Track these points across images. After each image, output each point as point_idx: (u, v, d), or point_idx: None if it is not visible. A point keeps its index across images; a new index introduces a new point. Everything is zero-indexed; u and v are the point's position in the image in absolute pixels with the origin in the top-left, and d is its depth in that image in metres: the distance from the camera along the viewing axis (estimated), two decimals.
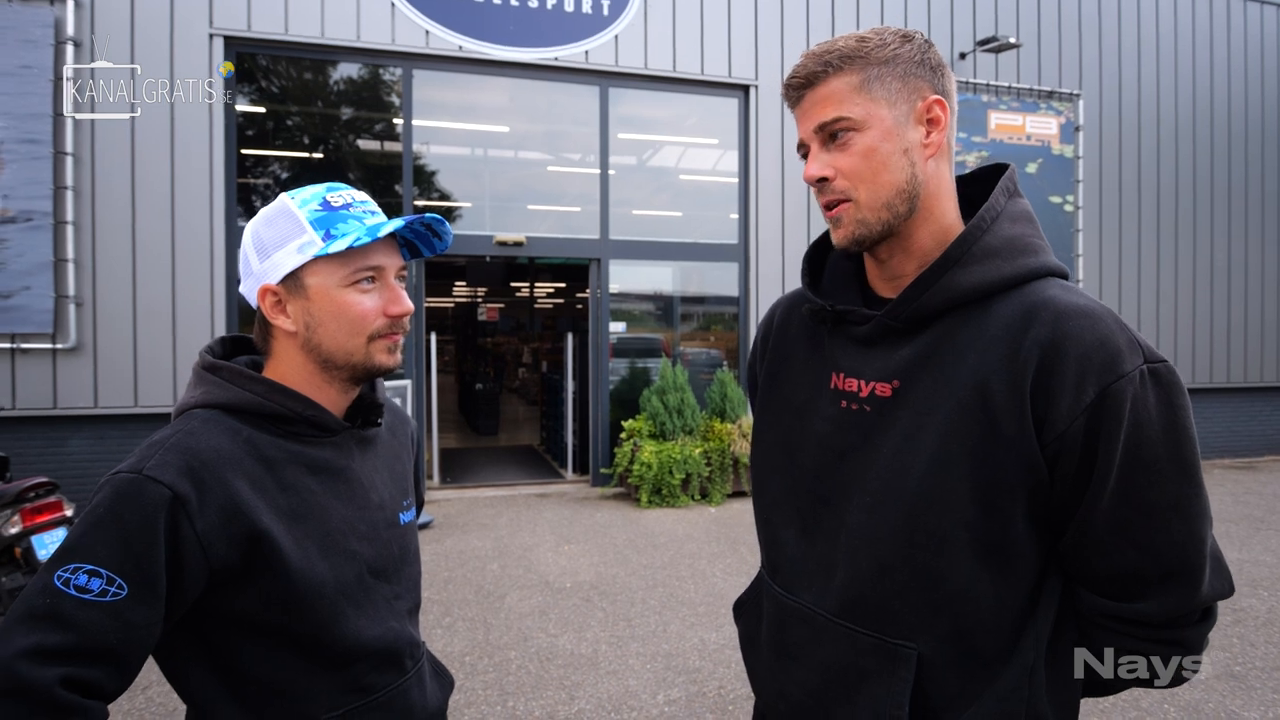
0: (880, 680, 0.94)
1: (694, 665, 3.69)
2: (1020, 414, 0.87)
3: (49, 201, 6.11)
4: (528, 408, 15.51)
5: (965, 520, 0.90)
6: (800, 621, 1.03)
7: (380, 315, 1.05)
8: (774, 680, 1.08)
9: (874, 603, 0.95)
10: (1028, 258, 0.95)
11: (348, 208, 1.05)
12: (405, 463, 1.24)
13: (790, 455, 1.07)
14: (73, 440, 6.36)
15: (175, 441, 0.95)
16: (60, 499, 4.27)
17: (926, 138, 0.95)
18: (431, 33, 7.07)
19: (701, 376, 8.19)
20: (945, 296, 0.93)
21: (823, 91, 0.95)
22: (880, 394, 0.97)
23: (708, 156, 8.53)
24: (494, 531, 6.12)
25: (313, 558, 1.00)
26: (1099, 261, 9.07)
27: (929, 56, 0.96)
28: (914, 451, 0.92)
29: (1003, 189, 0.99)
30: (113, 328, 6.36)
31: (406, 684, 1.11)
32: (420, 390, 7.43)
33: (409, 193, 7.30)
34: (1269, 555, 5.48)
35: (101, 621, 0.86)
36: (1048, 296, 0.91)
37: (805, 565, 1.04)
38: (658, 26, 7.69)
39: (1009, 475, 0.88)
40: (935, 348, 0.94)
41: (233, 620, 0.97)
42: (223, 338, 1.15)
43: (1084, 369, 0.85)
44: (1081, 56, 9.05)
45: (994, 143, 8.63)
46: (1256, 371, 9.83)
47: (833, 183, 0.96)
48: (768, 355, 1.18)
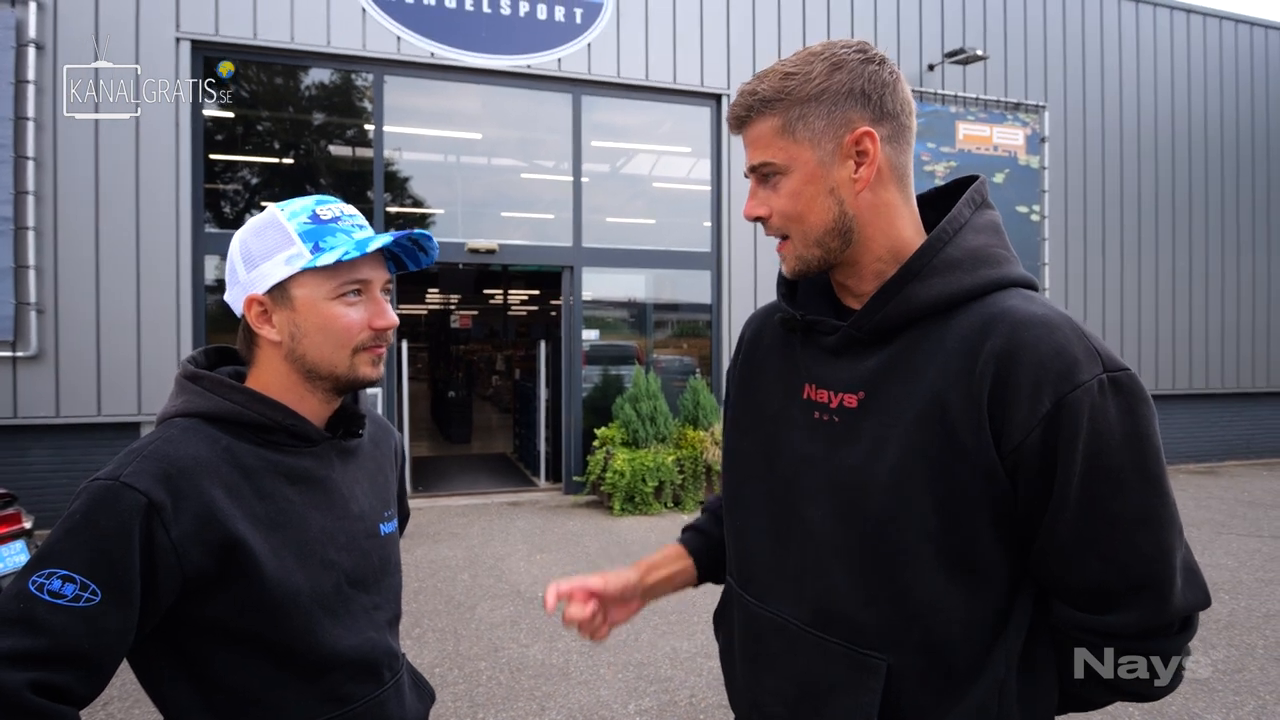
0: (850, 692, 0.94)
1: (665, 674, 3.69)
2: (978, 426, 0.87)
3: (10, 206, 5.98)
4: (501, 415, 15.42)
5: (928, 532, 0.89)
6: (773, 632, 1.03)
7: (366, 328, 1.06)
8: (748, 691, 1.07)
9: (844, 613, 0.95)
10: (990, 269, 0.94)
11: (336, 221, 1.06)
12: (388, 474, 1.25)
13: (765, 465, 1.07)
14: (33, 450, 6.21)
15: (153, 449, 0.96)
16: (19, 511, 4.15)
17: (856, 172, 0.94)
18: (403, 39, 7.04)
19: (674, 384, 8.20)
20: (905, 309, 0.93)
21: (751, 134, 0.97)
22: (847, 405, 0.97)
23: (681, 164, 8.57)
24: (465, 541, 6.07)
25: (289, 566, 1.00)
26: (1064, 270, 9.25)
27: (864, 81, 0.93)
28: (878, 463, 0.92)
29: (968, 200, 0.98)
30: (75, 336, 6.23)
31: (384, 695, 1.11)
32: (392, 398, 7.36)
33: (380, 199, 7.25)
34: (1229, 559, 5.60)
35: (74, 627, 0.86)
36: (1007, 307, 0.90)
37: (778, 575, 1.03)
38: (630, 35, 7.72)
39: (970, 487, 0.88)
40: (899, 359, 0.94)
41: (207, 628, 0.97)
42: (207, 348, 1.16)
43: (1039, 379, 0.84)
44: (1047, 69, 9.25)
45: (961, 153, 8.78)
46: (1218, 378, 10.07)
47: (769, 220, 0.99)
48: (740, 366, 1.18)
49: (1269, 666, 3.74)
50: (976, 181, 1.01)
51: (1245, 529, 6.54)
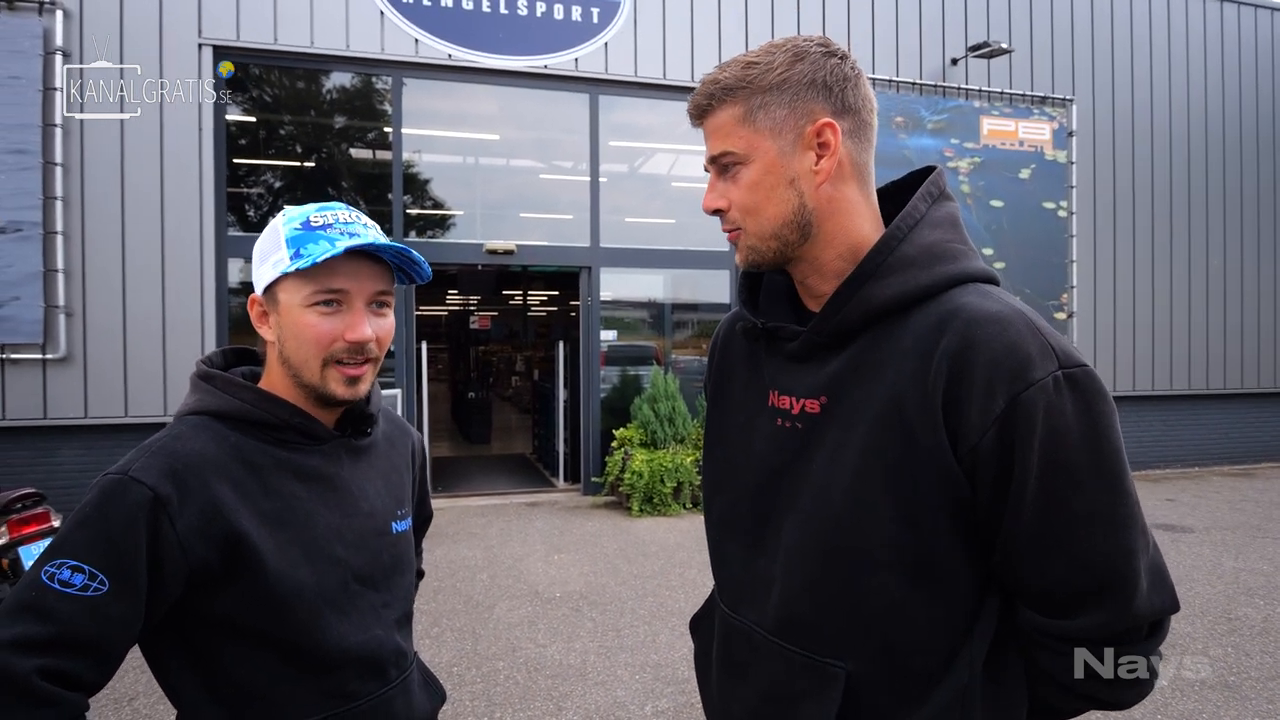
0: (812, 700, 0.93)
1: (683, 676, 3.66)
2: (934, 427, 0.85)
3: (38, 212, 6.09)
4: (520, 416, 15.44)
5: (887, 537, 0.88)
6: (742, 640, 1.03)
7: (339, 339, 1.05)
8: (720, 698, 1.08)
9: (805, 621, 0.95)
10: (945, 265, 0.92)
11: (326, 228, 1.05)
12: (403, 473, 1.26)
13: (733, 473, 1.07)
14: (62, 450, 6.33)
15: (161, 445, 0.99)
16: (47, 509, 4.23)
17: (816, 164, 0.93)
18: (421, 41, 7.07)
19: (693, 385, 8.16)
20: (862, 310, 0.92)
21: (712, 123, 0.96)
22: (810, 410, 0.96)
23: (699, 164, 8.49)
24: (484, 541, 6.08)
25: (295, 562, 1.01)
26: (1093, 267, 9.06)
27: (825, 73, 0.92)
28: (838, 468, 0.92)
29: (924, 195, 0.96)
30: (103, 338, 6.33)
31: (390, 693, 1.12)
32: (412, 399, 7.40)
33: (399, 201, 7.29)
34: (1265, 564, 5.45)
35: (82, 615, 0.89)
36: (961, 304, 0.88)
37: (747, 584, 1.04)
38: (647, 34, 7.69)
39: (928, 491, 0.86)
40: (858, 362, 0.93)
41: (214, 622, 0.99)
42: (224, 350, 1.18)
43: (993, 377, 0.83)
44: (1074, 62, 9.07)
45: (986, 148, 8.64)
46: (1254, 377, 9.81)
47: (727, 213, 0.98)
48: (712, 376, 1.18)
49: None
50: (934, 173, 0.99)
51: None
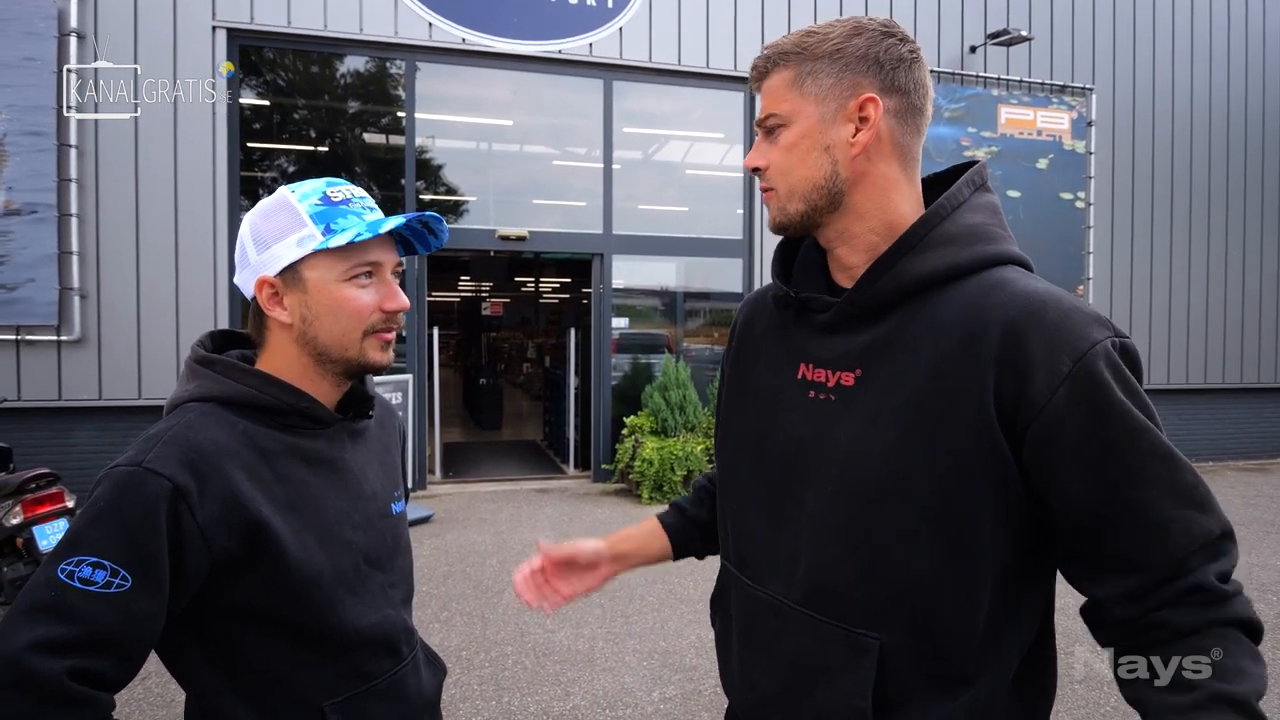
0: (844, 670, 0.94)
1: (691, 663, 3.66)
2: (980, 398, 0.86)
3: (53, 194, 6.12)
4: (531, 403, 15.48)
5: (923, 509, 0.89)
6: (768, 612, 1.03)
7: (376, 310, 1.06)
8: (744, 671, 1.08)
9: (836, 592, 0.95)
10: (985, 245, 0.94)
11: (347, 203, 1.06)
12: (395, 454, 1.26)
13: (759, 445, 1.07)
14: (77, 432, 6.38)
15: (174, 434, 0.96)
16: (61, 490, 4.28)
17: (854, 136, 0.95)
18: (435, 25, 7.04)
19: (704, 373, 8.13)
20: (899, 283, 0.93)
21: (766, 86, 1.00)
22: (844, 383, 0.97)
23: (713, 151, 8.47)
24: (494, 527, 6.10)
25: (310, 547, 1.01)
26: (1110, 258, 8.94)
27: (880, 50, 0.94)
28: (873, 439, 0.92)
29: (968, 181, 0.98)
30: (117, 320, 6.37)
31: (403, 671, 1.13)
32: (422, 385, 7.42)
33: (412, 187, 7.28)
34: (1279, 559, 5.40)
35: (107, 613, 0.87)
36: (1005, 278, 0.91)
37: (773, 556, 1.04)
38: (662, 19, 7.62)
39: (968, 461, 0.87)
40: (895, 334, 0.93)
41: (232, 610, 0.99)
42: (212, 332, 1.17)
43: (1053, 343, 0.84)
44: (1094, 50, 8.93)
45: (1004, 137, 8.53)
46: (1270, 372, 9.68)
47: (765, 172, 1.01)
48: (734, 350, 1.19)
49: None
50: (977, 164, 1.02)
51: None
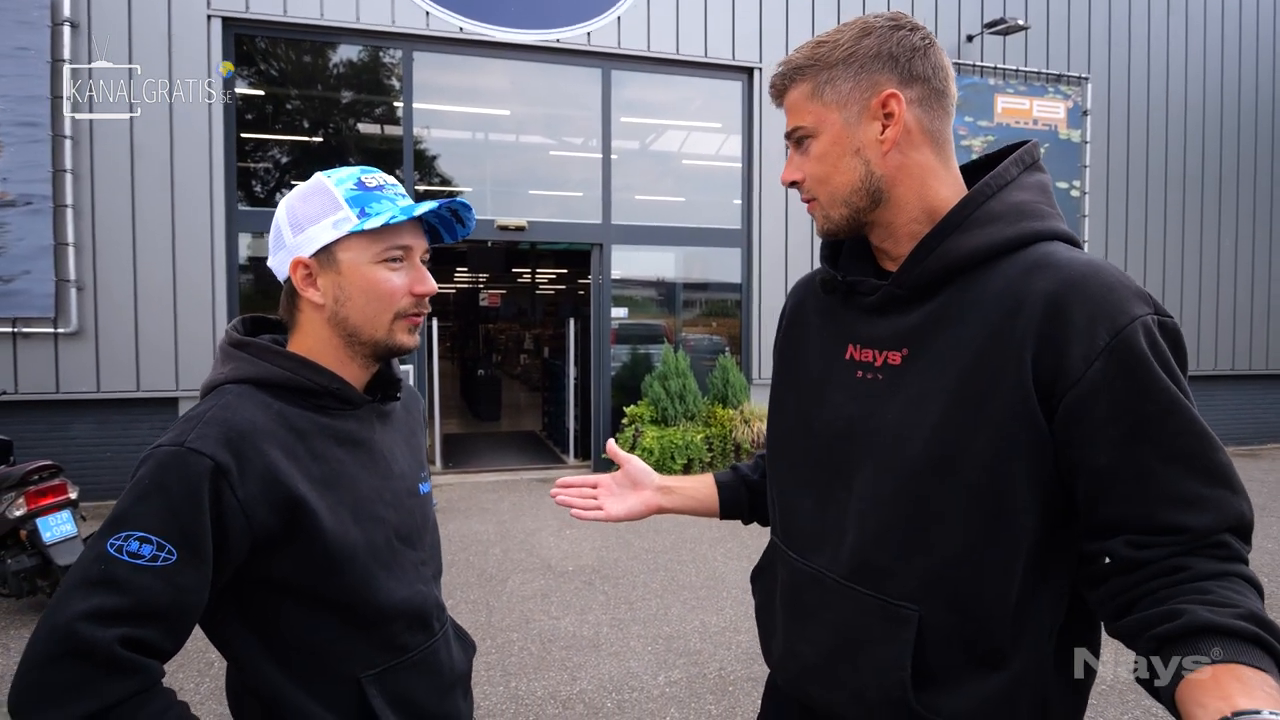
0: (883, 642, 0.96)
1: (695, 647, 3.69)
2: (1018, 368, 0.88)
3: (48, 185, 6.08)
4: (530, 394, 15.49)
5: (965, 484, 0.91)
6: (813, 584, 1.06)
7: (407, 293, 1.10)
8: (786, 640, 1.11)
9: (878, 565, 0.97)
10: (1032, 221, 0.95)
11: (381, 189, 1.10)
12: (420, 437, 1.30)
13: (807, 424, 1.10)
14: (75, 424, 6.37)
15: (213, 415, 1.00)
16: (64, 482, 4.27)
17: (882, 133, 0.96)
18: (432, 14, 7.00)
19: (704, 363, 8.16)
20: (946, 261, 0.94)
21: (788, 102, 1.03)
22: (891, 362, 0.99)
23: (711, 141, 8.46)
24: (496, 516, 6.12)
25: (345, 523, 1.04)
26: (1104, 247, 8.99)
27: (891, 45, 0.96)
28: (919, 416, 0.94)
29: (1016, 160, 0.99)
30: (114, 312, 6.34)
31: (436, 644, 1.17)
32: (422, 375, 7.42)
33: (410, 177, 7.26)
34: (1270, 542, 5.46)
35: (154, 585, 0.90)
36: (1049, 252, 0.92)
37: (818, 531, 1.06)
38: (660, 8, 7.60)
39: (1006, 434, 0.89)
40: (942, 313, 0.95)
41: (271, 583, 1.02)
42: (244, 318, 1.19)
43: (1093, 314, 0.85)
44: (1090, 39, 8.95)
45: (1000, 126, 8.55)
46: (1263, 358, 9.77)
47: (803, 184, 1.04)
48: (784, 333, 1.22)
49: None
50: (1028, 144, 1.02)
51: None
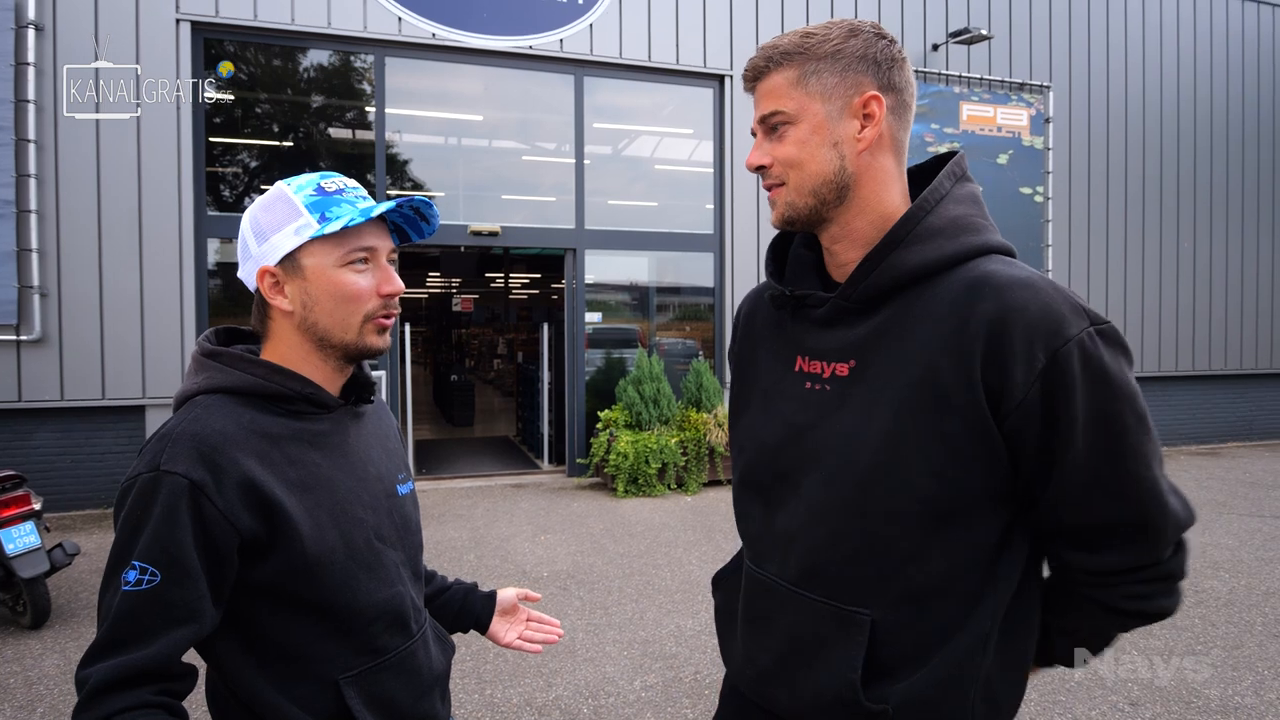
0: (837, 646, 0.99)
1: (670, 651, 3.72)
2: (969, 386, 0.91)
3: (11, 190, 5.97)
4: (503, 399, 15.43)
5: (915, 490, 0.94)
6: (765, 592, 1.09)
7: (374, 295, 1.10)
8: (744, 647, 1.14)
9: (828, 572, 1.01)
10: (970, 236, 0.98)
11: (340, 193, 1.11)
12: (395, 441, 1.31)
13: (757, 435, 1.12)
14: (39, 434, 6.24)
15: (183, 430, 1.01)
16: (28, 492, 4.19)
17: (860, 132, 0.99)
18: (404, 20, 6.99)
19: (677, 366, 8.21)
20: (891, 275, 0.97)
21: (766, 85, 1.02)
22: (839, 373, 1.02)
23: (683, 146, 8.53)
24: (470, 522, 6.11)
25: (324, 525, 1.06)
26: (1068, 252, 9.22)
27: (876, 51, 0.99)
28: (867, 426, 0.97)
29: (949, 173, 1.02)
30: (79, 319, 6.23)
31: (414, 646, 1.18)
32: (394, 381, 7.37)
33: (382, 182, 7.22)
34: (1230, 539, 5.63)
35: (141, 606, 0.94)
36: (989, 270, 0.94)
37: (769, 539, 1.09)
38: (633, 15, 7.66)
39: (960, 446, 0.92)
40: (887, 326, 0.98)
41: (252, 588, 1.03)
42: (217, 328, 1.20)
43: (1031, 337, 0.89)
44: (1052, 49, 9.17)
45: (965, 134, 8.72)
46: (1220, 359, 10.06)
47: (770, 169, 1.04)
48: (738, 345, 1.24)
49: (1267, 643, 3.78)
50: (956, 156, 1.05)
51: (1246, 509, 6.57)
